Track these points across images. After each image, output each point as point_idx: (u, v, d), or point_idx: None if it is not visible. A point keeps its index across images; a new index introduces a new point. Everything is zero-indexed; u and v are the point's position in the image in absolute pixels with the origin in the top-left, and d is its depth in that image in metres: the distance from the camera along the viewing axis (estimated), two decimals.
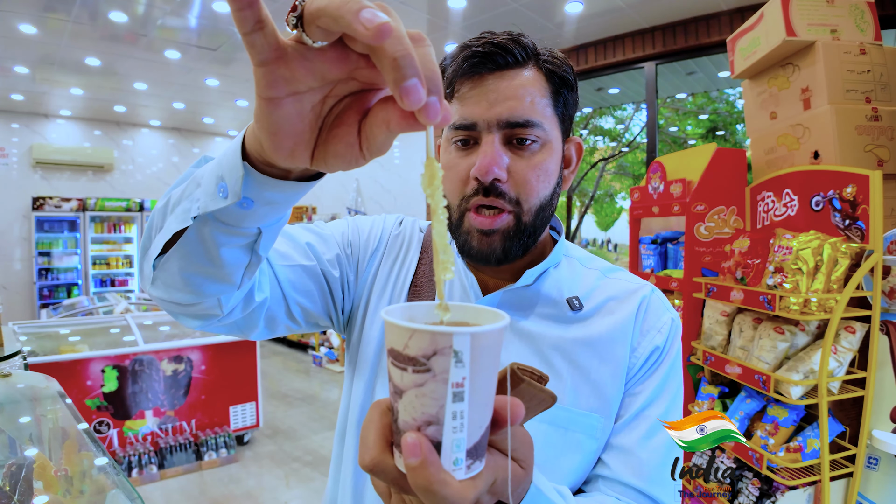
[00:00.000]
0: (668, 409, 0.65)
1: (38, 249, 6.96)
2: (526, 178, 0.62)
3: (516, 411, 0.35)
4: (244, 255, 0.53)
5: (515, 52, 0.61)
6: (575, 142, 0.71)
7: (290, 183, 0.45)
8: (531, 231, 0.64)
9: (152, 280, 0.57)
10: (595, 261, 0.75)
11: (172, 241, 0.53)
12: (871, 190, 1.50)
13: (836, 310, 1.47)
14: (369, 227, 0.81)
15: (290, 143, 0.39)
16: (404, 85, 0.29)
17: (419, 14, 3.81)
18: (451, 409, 0.32)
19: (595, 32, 4.09)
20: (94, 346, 3.31)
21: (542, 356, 0.66)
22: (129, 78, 5.44)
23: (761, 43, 1.88)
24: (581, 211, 9.15)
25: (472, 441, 0.33)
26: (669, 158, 2.23)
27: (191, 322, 0.64)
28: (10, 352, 1.57)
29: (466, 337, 0.31)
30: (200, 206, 0.48)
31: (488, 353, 0.32)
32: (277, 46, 0.33)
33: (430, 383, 0.32)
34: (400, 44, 0.29)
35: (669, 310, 0.70)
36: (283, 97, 0.36)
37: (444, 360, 0.31)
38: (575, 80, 0.66)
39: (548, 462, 0.62)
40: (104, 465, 1.15)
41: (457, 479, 0.33)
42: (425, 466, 0.31)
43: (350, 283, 0.76)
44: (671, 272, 2.14)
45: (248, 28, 0.31)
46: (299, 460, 3.53)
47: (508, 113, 0.60)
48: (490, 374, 0.33)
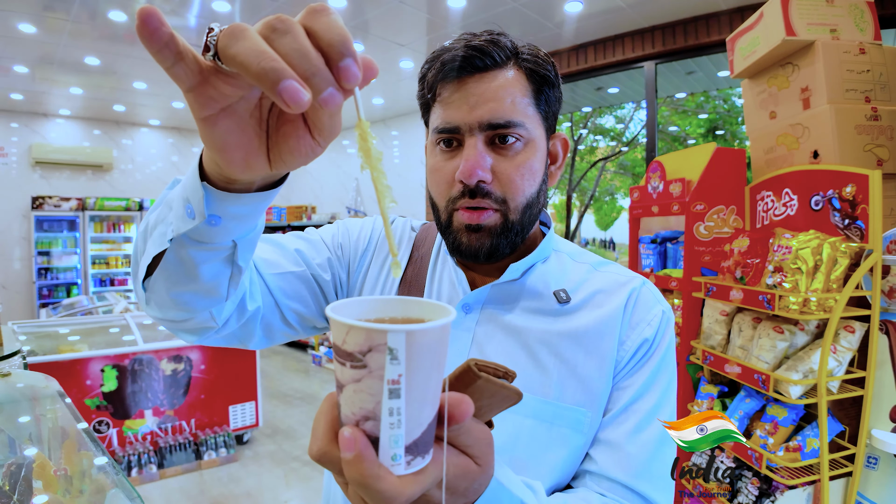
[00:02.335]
0: (659, 403, 0.63)
1: (38, 249, 6.95)
2: (511, 178, 0.63)
3: (462, 409, 0.35)
4: (225, 268, 0.54)
5: (494, 54, 0.61)
6: (560, 137, 0.71)
7: (252, 195, 0.47)
8: (518, 229, 0.65)
9: (146, 301, 0.58)
10: (586, 255, 0.75)
11: (156, 263, 0.54)
12: (870, 189, 1.50)
13: (836, 309, 1.48)
14: (359, 228, 0.82)
15: (240, 155, 0.40)
16: (278, 90, 0.31)
17: (419, 13, 3.80)
18: (388, 405, 0.32)
19: (595, 32, 4.09)
20: (93, 346, 3.31)
21: (528, 350, 0.65)
22: (129, 77, 5.43)
23: (761, 42, 1.88)
24: (581, 210, 9.15)
25: (412, 437, 0.33)
26: (669, 158, 2.23)
27: (188, 337, 0.65)
28: (10, 351, 1.57)
29: (401, 335, 0.30)
30: (173, 228, 0.49)
31: (426, 350, 0.32)
32: (200, 71, 0.35)
33: (367, 379, 0.31)
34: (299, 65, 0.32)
35: (661, 302, 0.69)
36: (218, 114, 0.38)
37: (379, 356, 0.31)
38: (556, 77, 0.66)
39: (533, 457, 0.62)
40: (104, 464, 1.14)
41: (394, 475, 0.33)
42: (360, 461, 0.32)
43: (343, 283, 0.78)
44: (671, 271, 2.14)
45: (170, 63, 0.33)
46: (299, 459, 3.53)
47: (489, 115, 0.61)
48: (429, 372, 0.32)
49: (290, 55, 0.32)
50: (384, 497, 0.32)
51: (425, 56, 3.27)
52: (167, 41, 0.32)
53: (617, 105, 6.69)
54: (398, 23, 3.98)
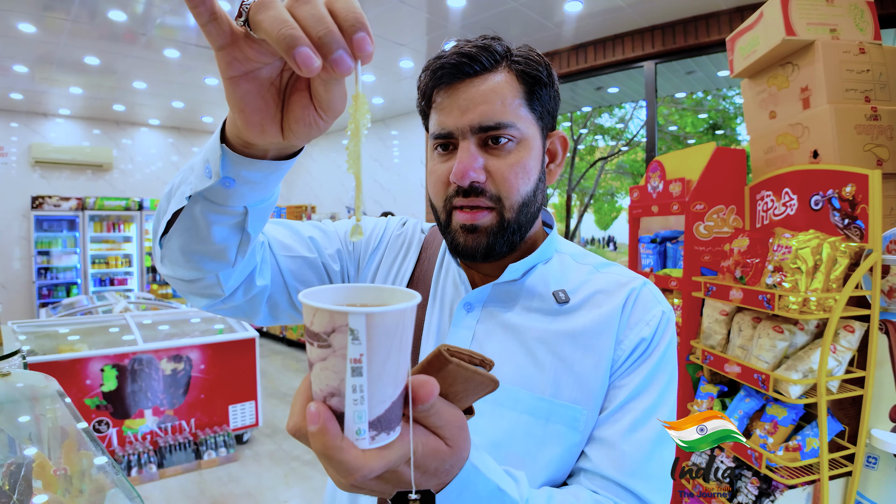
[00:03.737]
0: (657, 402, 0.63)
1: (38, 248, 6.95)
2: (504, 177, 0.64)
3: (426, 390, 0.37)
4: (235, 234, 0.59)
5: (483, 60, 0.64)
6: (558, 136, 0.72)
7: (265, 162, 0.51)
8: (515, 227, 0.66)
9: (161, 258, 0.64)
10: (589, 257, 0.76)
11: (174, 224, 0.59)
12: (870, 189, 1.50)
13: (835, 309, 1.48)
14: (373, 226, 0.86)
15: (257, 118, 0.45)
16: (293, 54, 0.35)
17: (419, 13, 3.80)
18: (351, 382, 0.34)
19: (594, 31, 4.09)
20: (93, 346, 3.31)
21: (526, 348, 0.66)
22: (129, 77, 5.43)
23: (760, 42, 1.88)
24: (581, 210, 9.15)
25: (375, 414, 0.35)
26: (669, 157, 2.23)
27: (198, 301, 0.70)
28: (10, 351, 1.56)
29: (361, 317, 0.33)
30: (192, 186, 0.54)
31: (386, 332, 0.34)
32: (231, 33, 0.39)
33: (332, 358, 0.34)
34: (315, 30, 0.36)
35: (661, 303, 0.69)
36: (241, 76, 0.42)
37: (342, 336, 0.33)
38: (550, 77, 0.68)
39: (529, 453, 0.63)
40: (103, 464, 1.15)
41: (358, 448, 0.35)
42: (323, 433, 0.34)
43: (351, 277, 0.82)
44: (670, 271, 2.14)
45: (205, 20, 0.37)
46: (299, 459, 3.53)
47: (479, 118, 0.63)
48: (390, 352, 0.34)
49: (307, 19, 0.36)
50: (346, 468, 0.35)
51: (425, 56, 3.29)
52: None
53: (616, 104, 6.69)
54: (398, 22, 3.98)
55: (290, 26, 0.35)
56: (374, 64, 4.93)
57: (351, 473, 0.35)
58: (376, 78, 5.35)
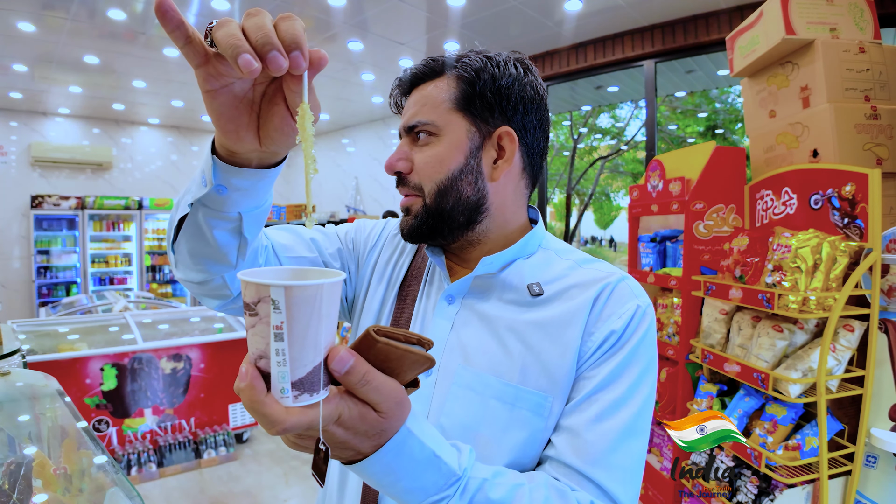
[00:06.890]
0: (626, 395, 0.63)
1: (37, 248, 6.94)
2: (419, 167, 0.73)
3: (338, 360, 0.42)
4: (234, 238, 0.65)
5: (422, 72, 0.74)
6: (504, 132, 0.73)
7: (250, 170, 0.58)
8: (437, 213, 0.72)
9: (175, 263, 0.71)
10: (574, 253, 0.77)
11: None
12: (869, 188, 1.50)
13: (835, 308, 1.48)
14: (372, 226, 0.93)
15: (232, 127, 0.52)
16: (237, 60, 0.41)
17: (418, 13, 3.80)
18: (274, 346, 0.39)
19: (594, 30, 4.08)
20: (92, 345, 3.31)
21: (497, 337, 0.69)
22: (128, 76, 5.43)
23: (760, 41, 1.88)
24: (580, 209, 9.15)
25: (297, 376, 0.40)
26: (668, 157, 2.23)
27: (210, 302, 0.76)
28: (9, 350, 1.56)
29: (280, 289, 0.38)
30: (192, 195, 0.61)
31: (304, 303, 0.39)
32: (204, 53, 0.46)
33: (259, 325, 0.40)
34: (262, 43, 0.42)
35: (638, 297, 0.69)
36: (218, 89, 0.49)
37: (265, 306, 0.39)
38: (490, 78, 0.72)
39: (495, 436, 0.65)
40: (103, 463, 1.15)
41: (282, 405, 0.40)
42: (250, 389, 0.40)
43: (352, 273, 0.88)
44: (670, 270, 2.14)
45: (182, 43, 0.44)
46: (298, 458, 3.54)
47: (406, 120, 0.74)
48: (311, 322, 0.40)
49: (249, 29, 0.43)
50: (269, 420, 0.40)
51: (425, 54, 3.29)
52: (179, 23, 0.42)
53: (616, 103, 6.68)
54: (398, 21, 3.97)
55: (237, 38, 0.42)
56: (373, 63, 4.93)
57: (273, 425, 0.40)
58: (376, 77, 5.34)
